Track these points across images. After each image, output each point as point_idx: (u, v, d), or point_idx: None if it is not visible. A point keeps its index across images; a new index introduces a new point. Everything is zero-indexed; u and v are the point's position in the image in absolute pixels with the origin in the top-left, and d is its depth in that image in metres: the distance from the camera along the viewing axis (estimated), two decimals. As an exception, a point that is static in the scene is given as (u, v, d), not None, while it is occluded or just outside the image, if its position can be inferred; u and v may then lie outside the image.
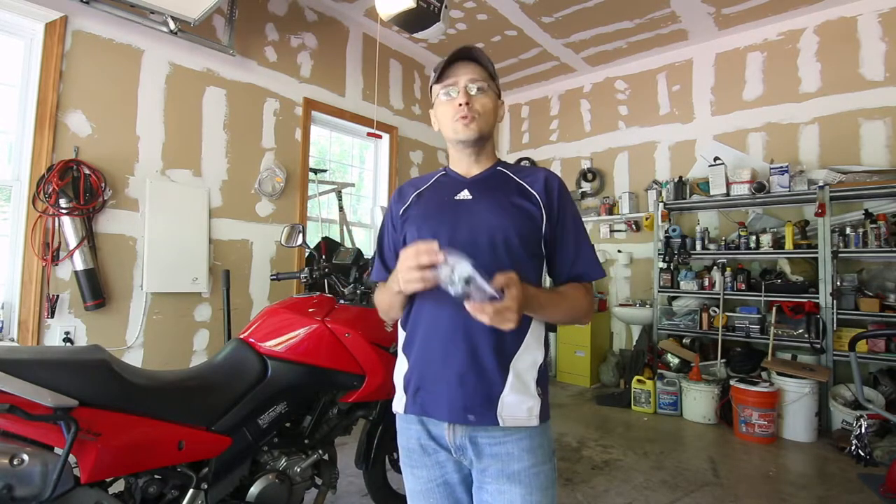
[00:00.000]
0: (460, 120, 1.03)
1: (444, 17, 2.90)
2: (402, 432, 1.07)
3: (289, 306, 1.75)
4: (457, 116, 1.03)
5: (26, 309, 2.53)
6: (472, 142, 1.06)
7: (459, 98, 1.03)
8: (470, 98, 1.03)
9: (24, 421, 1.15)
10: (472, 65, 1.05)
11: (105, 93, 2.82)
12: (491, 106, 1.06)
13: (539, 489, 0.96)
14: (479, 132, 1.04)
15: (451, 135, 1.07)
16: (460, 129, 1.04)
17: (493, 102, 1.07)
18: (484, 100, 1.05)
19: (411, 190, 1.13)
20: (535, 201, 1.03)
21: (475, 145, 1.07)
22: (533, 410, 0.97)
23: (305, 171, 3.85)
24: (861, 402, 2.49)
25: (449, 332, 0.97)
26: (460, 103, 1.02)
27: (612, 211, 4.99)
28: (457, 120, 1.03)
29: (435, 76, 1.06)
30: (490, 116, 1.06)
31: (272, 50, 3.66)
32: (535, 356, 0.99)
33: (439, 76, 1.05)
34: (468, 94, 1.03)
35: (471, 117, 1.03)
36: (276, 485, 1.63)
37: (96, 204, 2.71)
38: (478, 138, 1.05)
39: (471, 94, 1.03)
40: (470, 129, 1.03)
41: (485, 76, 1.05)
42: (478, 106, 1.03)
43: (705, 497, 2.47)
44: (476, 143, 1.06)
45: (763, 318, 3.87)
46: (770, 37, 4.18)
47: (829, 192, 3.54)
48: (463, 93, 1.03)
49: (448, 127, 1.07)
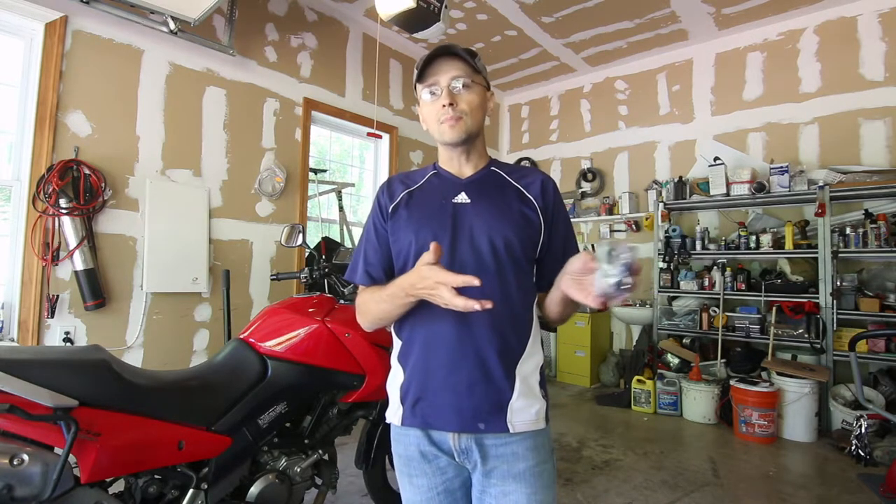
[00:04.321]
0: (446, 122, 0.99)
1: (444, 17, 2.90)
2: (398, 440, 1.03)
3: (289, 306, 1.75)
4: (442, 118, 0.99)
5: (26, 309, 2.53)
6: (460, 142, 1.02)
7: (443, 98, 0.98)
8: (454, 97, 0.98)
9: (24, 421, 1.15)
10: (454, 60, 0.99)
11: (105, 93, 2.82)
12: (478, 102, 1.01)
13: (543, 488, 0.96)
14: (467, 132, 1.00)
15: (438, 136, 1.03)
16: (447, 131, 1.00)
17: (480, 97, 1.01)
18: (469, 96, 0.99)
19: (401, 187, 1.08)
20: (534, 207, 1.02)
21: (464, 144, 1.03)
22: (540, 413, 0.97)
23: (305, 171, 3.85)
24: (861, 402, 2.49)
25: (453, 340, 0.94)
26: (444, 104, 0.98)
27: (612, 211, 4.99)
28: (442, 122, 0.99)
29: (416, 75, 1.01)
30: (477, 113, 1.01)
31: (272, 50, 3.66)
32: (537, 358, 1.00)
33: (420, 75, 1.01)
34: (452, 94, 0.98)
35: (456, 118, 0.98)
36: (276, 485, 1.63)
37: (96, 204, 2.71)
38: (466, 138, 1.01)
39: (454, 92, 0.99)
40: (456, 130, 0.99)
41: (468, 71, 0.99)
42: (463, 105, 0.99)
43: (705, 497, 2.47)
44: (465, 142, 1.02)
45: (763, 318, 3.87)
46: (770, 37, 4.18)
47: (829, 192, 3.53)
48: (446, 92, 0.98)
49: (434, 129, 1.03)
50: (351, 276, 1.08)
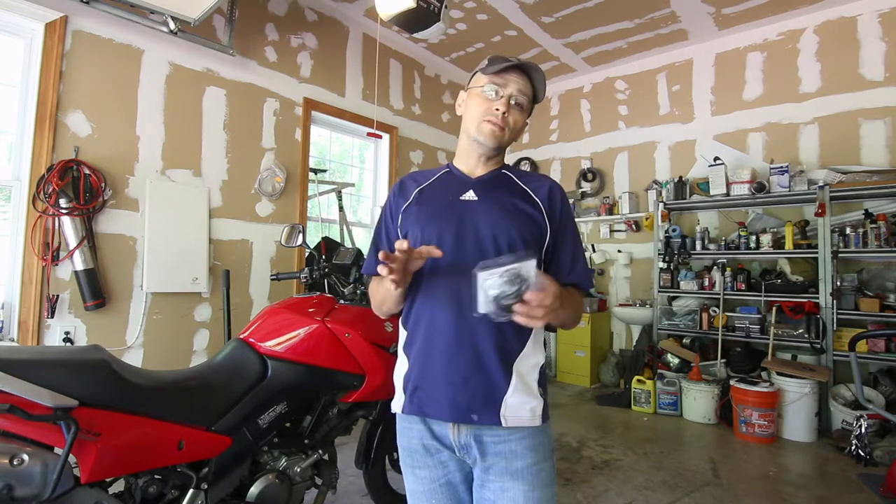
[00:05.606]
0: (489, 123, 1.03)
1: (444, 17, 2.90)
2: (403, 433, 1.07)
3: (289, 306, 1.75)
4: (488, 117, 1.03)
5: (26, 309, 2.53)
6: (490, 148, 1.07)
7: (501, 103, 1.03)
8: (509, 109, 1.03)
9: (24, 421, 1.15)
10: (527, 79, 1.05)
11: (105, 93, 2.82)
12: (521, 124, 1.07)
13: (540, 486, 0.98)
14: (500, 143, 1.06)
15: (475, 132, 1.06)
16: (486, 131, 1.04)
17: (524, 122, 1.08)
18: (518, 116, 1.06)
19: (413, 185, 1.12)
20: (539, 208, 1.04)
21: (491, 151, 1.08)
22: (536, 411, 0.98)
23: (305, 171, 3.85)
24: (861, 402, 2.49)
25: (452, 332, 0.97)
26: (498, 108, 1.02)
27: (612, 211, 4.99)
28: (486, 121, 1.03)
29: (489, 66, 1.04)
30: (516, 134, 1.08)
31: (272, 50, 3.66)
32: (538, 358, 1.01)
33: (494, 69, 1.03)
34: (509, 105, 1.03)
35: (502, 127, 1.03)
36: (276, 485, 1.63)
37: (96, 204, 2.71)
38: (496, 147, 1.07)
39: (513, 104, 1.04)
40: (495, 136, 1.04)
41: (531, 95, 1.06)
42: (511, 120, 1.04)
43: (705, 497, 2.47)
44: (492, 150, 1.08)
45: (763, 318, 3.87)
46: (770, 37, 4.18)
47: (829, 192, 3.53)
48: (506, 100, 1.03)
49: (474, 122, 1.06)
50: (365, 270, 1.16)
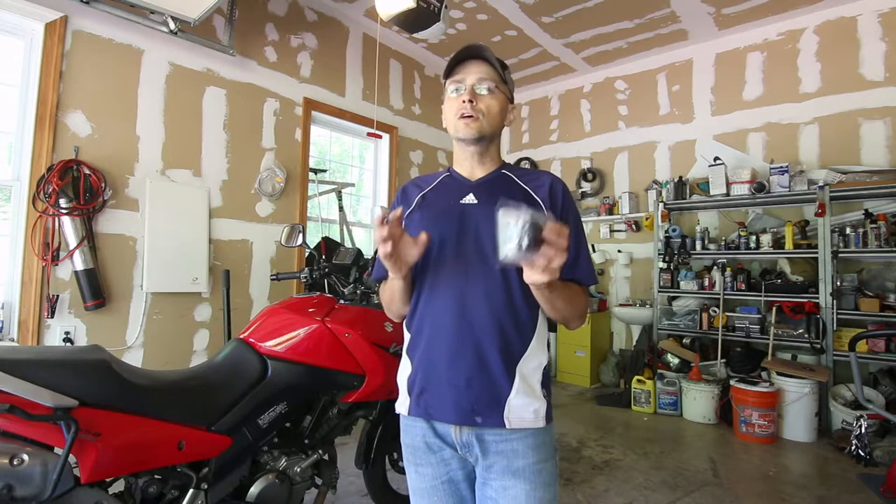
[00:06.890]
0: (462, 119, 1.03)
1: (444, 17, 2.90)
2: (406, 431, 1.08)
3: (289, 306, 1.75)
4: (459, 114, 1.03)
5: (26, 309, 2.53)
6: (471, 141, 1.05)
7: (464, 95, 1.03)
8: (475, 97, 1.03)
9: (24, 421, 1.15)
10: (484, 64, 1.04)
11: (105, 93, 2.82)
12: (497, 108, 1.05)
13: (542, 485, 0.97)
14: (480, 132, 1.04)
15: (453, 132, 1.07)
16: (461, 127, 1.04)
17: (501, 105, 1.06)
18: (490, 101, 1.04)
19: (416, 191, 1.13)
20: (541, 208, 1.03)
21: (476, 145, 1.06)
22: (539, 412, 0.98)
23: (305, 171, 3.85)
24: (861, 402, 2.49)
25: (455, 334, 0.97)
26: (464, 100, 1.02)
27: (612, 211, 4.99)
28: (459, 118, 1.04)
29: (445, 71, 1.07)
30: (495, 119, 1.05)
31: (272, 50, 3.66)
32: (541, 359, 1.01)
33: (449, 71, 1.06)
34: (474, 93, 1.03)
35: (474, 117, 1.02)
36: (276, 485, 1.63)
37: (96, 204, 2.71)
38: (478, 138, 1.04)
39: (477, 93, 1.03)
40: (470, 128, 1.03)
41: (495, 77, 1.05)
42: (482, 106, 1.03)
43: (705, 497, 2.47)
44: (477, 142, 1.06)
45: (763, 318, 3.87)
46: (770, 37, 4.18)
47: (829, 192, 3.53)
48: (469, 91, 1.03)
49: (451, 123, 1.07)
50: (374, 276, 1.17)
